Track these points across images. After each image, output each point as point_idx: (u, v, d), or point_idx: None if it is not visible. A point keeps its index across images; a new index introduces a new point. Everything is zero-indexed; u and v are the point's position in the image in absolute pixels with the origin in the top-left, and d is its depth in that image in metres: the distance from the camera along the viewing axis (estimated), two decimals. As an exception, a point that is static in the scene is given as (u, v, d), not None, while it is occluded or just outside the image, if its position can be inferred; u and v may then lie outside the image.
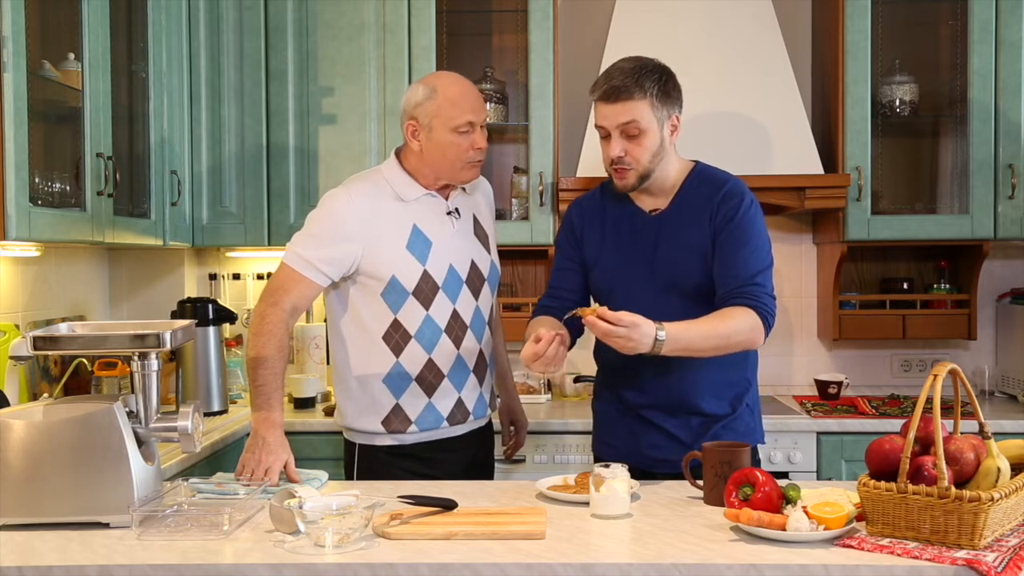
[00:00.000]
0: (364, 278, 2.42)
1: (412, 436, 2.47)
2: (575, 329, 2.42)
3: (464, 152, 2.42)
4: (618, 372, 2.44)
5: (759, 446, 2.49)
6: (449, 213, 2.51)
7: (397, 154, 2.53)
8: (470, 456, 2.57)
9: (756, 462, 2.45)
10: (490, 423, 2.67)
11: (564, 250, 2.52)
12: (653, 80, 2.31)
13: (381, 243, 2.40)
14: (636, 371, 2.39)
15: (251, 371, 2.35)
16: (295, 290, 2.38)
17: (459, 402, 2.50)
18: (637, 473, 2.30)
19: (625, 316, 2.10)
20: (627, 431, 2.44)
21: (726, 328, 2.23)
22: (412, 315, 2.42)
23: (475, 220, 2.59)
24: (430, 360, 2.44)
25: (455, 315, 2.47)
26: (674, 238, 2.36)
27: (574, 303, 2.45)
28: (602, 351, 2.46)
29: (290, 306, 2.37)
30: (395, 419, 2.45)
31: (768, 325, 2.28)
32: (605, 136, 2.36)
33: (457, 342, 2.47)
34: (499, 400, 2.83)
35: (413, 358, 2.44)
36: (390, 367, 2.44)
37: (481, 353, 2.54)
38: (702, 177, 2.40)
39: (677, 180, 2.40)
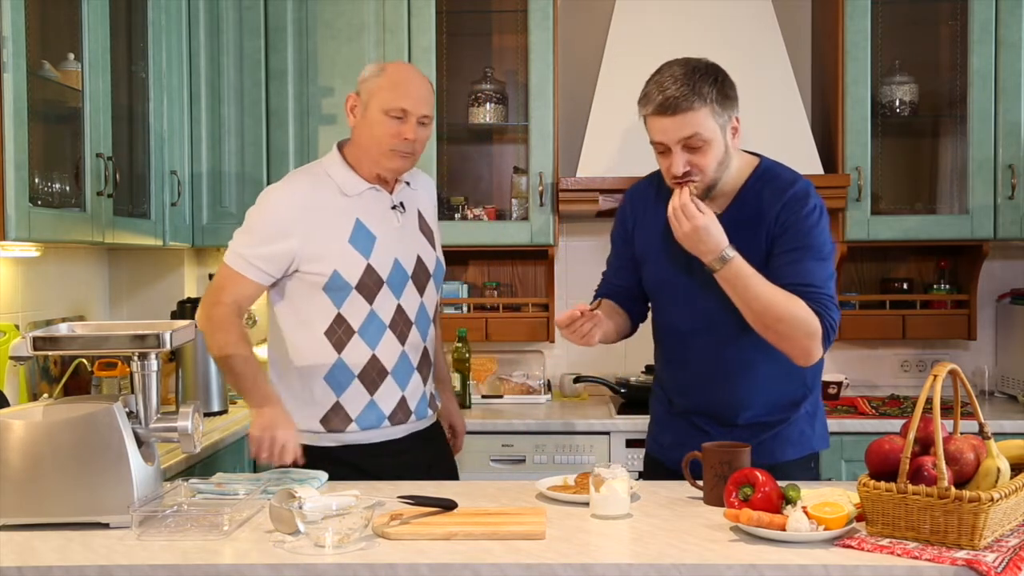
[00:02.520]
0: (304, 273, 2.36)
1: (351, 436, 2.40)
2: (638, 314, 2.40)
3: (390, 138, 2.35)
4: (669, 374, 2.39)
5: (823, 452, 2.38)
6: (394, 207, 2.46)
7: (340, 147, 2.47)
8: (410, 460, 2.47)
9: (815, 468, 2.34)
10: (437, 424, 2.62)
11: (616, 245, 2.44)
12: (710, 84, 2.14)
13: (321, 237, 2.35)
14: (685, 375, 2.32)
15: (225, 368, 2.34)
16: (235, 290, 2.35)
17: (402, 400, 2.44)
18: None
19: (701, 217, 2.04)
20: (674, 433, 2.36)
21: (789, 310, 2.09)
22: (356, 310, 2.37)
23: (420, 216, 2.54)
24: (374, 356, 2.39)
25: (400, 311, 2.42)
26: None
27: (626, 299, 2.40)
28: (658, 350, 2.40)
29: (232, 302, 2.34)
30: (335, 417, 2.39)
31: (828, 340, 2.14)
32: (663, 151, 2.18)
33: (402, 338, 2.42)
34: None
35: (356, 354, 2.38)
36: (332, 363, 2.38)
37: (425, 351, 2.50)
38: (766, 178, 2.24)
39: (738, 181, 2.24)
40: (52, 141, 2.67)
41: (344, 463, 2.38)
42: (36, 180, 2.47)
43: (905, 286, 3.72)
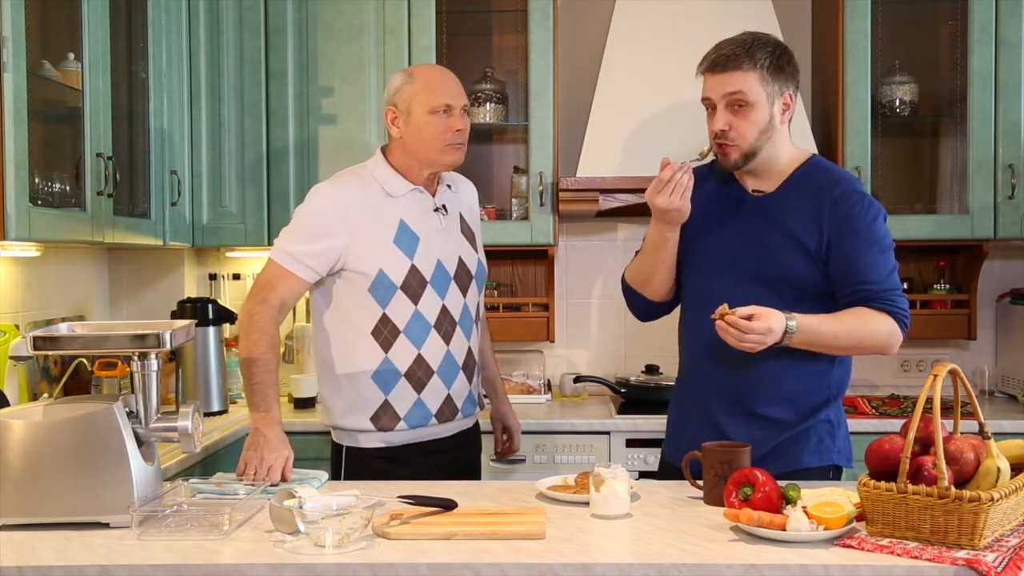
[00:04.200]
0: (350, 273, 2.41)
1: (400, 435, 2.45)
2: (673, 301, 2.41)
3: (442, 133, 2.42)
4: (688, 360, 2.38)
5: (846, 470, 2.36)
6: (436, 210, 2.51)
7: (383, 151, 2.53)
8: (455, 459, 2.54)
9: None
10: (477, 425, 2.66)
11: None
12: (766, 53, 2.22)
13: (367, 237, 2.40)
14: (705, 351, 2.27)
15: (245, 370, 2.34)
16: (282, 286, 2.37)
17: (448, 399, 2.48)
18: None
19: (756, 323, 2.04)
20: (689, 436, 2.31)
21: (864, 330, 2.17)
22: (401, 310, 2.41)
23: (461, 218, 2.59)
24: (419, 356, 2.43)
25: (444, 311, 2.46)
26: (774, 224, 2.24)
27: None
28: (682, 333, 2.39)
29: (278, 303, 2.37)
30: (384, 416, 2.43)
31: (904, 327, 2.20)
32: (711, 108, 2.25)
33: (447, 338, 2.46)
34: (489, 405, 2.83)
35: (402, 354, 2.42)
36: (379, 363, 2.42)
37: (470, 351, 2.53)
38: (817, 168, 2.29)
39: (788, 166, 2.29)
40: (52, 141, 2.67)
41: (394, 461, 2.44)
42: (36, 180, 2.47)
43: (905, 286, 3.71)
